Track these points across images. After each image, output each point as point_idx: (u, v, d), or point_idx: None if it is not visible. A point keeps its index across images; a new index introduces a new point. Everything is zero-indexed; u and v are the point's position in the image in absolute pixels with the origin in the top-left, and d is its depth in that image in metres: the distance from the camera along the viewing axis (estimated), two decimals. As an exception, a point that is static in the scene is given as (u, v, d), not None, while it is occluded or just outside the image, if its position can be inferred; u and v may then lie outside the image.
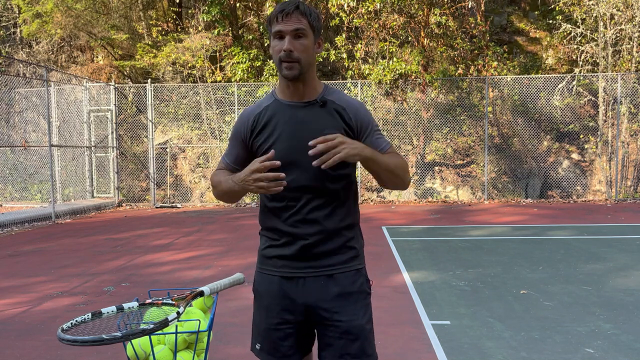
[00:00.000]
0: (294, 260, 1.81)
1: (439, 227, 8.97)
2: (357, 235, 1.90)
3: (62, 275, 5.97)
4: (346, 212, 1.84)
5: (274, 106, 1.85)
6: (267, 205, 1.86)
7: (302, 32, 1.74)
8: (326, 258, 1.80)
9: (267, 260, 1.88)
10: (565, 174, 13.35)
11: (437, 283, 5.31)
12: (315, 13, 1.79)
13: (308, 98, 1.83)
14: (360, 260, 1.88)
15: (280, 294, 1.83)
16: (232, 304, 4.60)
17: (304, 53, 1.75)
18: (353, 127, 1.82)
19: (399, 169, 1.82)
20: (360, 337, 1.78)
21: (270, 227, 1.87)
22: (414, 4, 13.10)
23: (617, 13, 12.54)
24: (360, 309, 1.81)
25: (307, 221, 1.78)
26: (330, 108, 1.82)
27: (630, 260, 6.15)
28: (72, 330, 1.70)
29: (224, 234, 8.71)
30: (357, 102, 1.87)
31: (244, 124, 1.88)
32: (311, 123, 1.79)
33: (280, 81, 1.85)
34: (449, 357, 3.45)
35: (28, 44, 16.62)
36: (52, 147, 11.09)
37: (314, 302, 1.80)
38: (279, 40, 1.75)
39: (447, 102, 13.75)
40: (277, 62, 1.76)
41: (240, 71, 13.60)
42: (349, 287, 1.81)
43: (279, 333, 1.83)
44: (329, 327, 1.79)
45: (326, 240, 1.80)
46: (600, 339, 3.72)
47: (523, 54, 15.72)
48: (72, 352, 3.63)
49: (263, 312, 1.87)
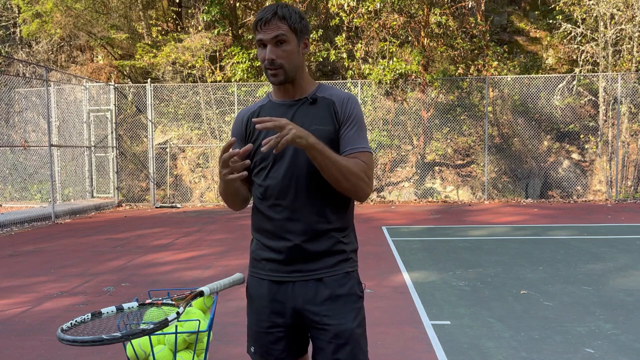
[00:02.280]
0: (282, 264, 1.79)
1: (439, 227, 8.97)
2: (349, 237, 1.85)
3: (62, 275, 5.97)
4: (336, 213, 1.80)
5: (268, 106, 1.87)
6: (257, 205, 1.86)
7: (283, 37, 1.72)
8: (314, 261, 1.77)
9: (257, 262, 1.86)
10: (565, 174, 13.35)
11: (437, 283, 5.30)
12: (296, 14, 1.75)
13: (300, 96, 1.83)
14: (351, 264, 1.84)
15: (270, 297, 1.81)
16: (232, 304, 4.60)
17: (287, 59, 1.74)
18: (340, 119, 1.79)
19: (349, 172, 1.69)
20: (350, 341, 1.75)
21: (258, 228, 1.85)
22: (414, 4, 13.10)
23: (618, 13, 12.54)
24: (350, 312, 1.78)
25: (294, 220, 1.76)
26: (321, 104, 1.81)
27: (630, 260, 6.15)
28: (72, 330, 1.70)
29: (224, 234, 8.71)
30: (346, 95, 1.84)
31: (239, 123, 1.91)
32: (300, 120, 1.77)
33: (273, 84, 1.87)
34: (449, 357, 3.44)
35: (28, 43, 16.62)
36: (51, 147, 11.09)
37: (302, 306, 1.77)
38: (262, 48, 1.75)
39: (447, 102, 13.75)
40: (263, 69, 1.79)
41: (240, 71, 13.60)
42: (338, 289, 1.77)
43: (270, 337, 1.82)
44: (319, 330, 1.77)
45: (314, 240, 1.76)
46: (600, 339, 3.72)
47: (523, 54, 15.72)
48: (72, 352, 3.63)
49: (254, 315, 1.86)
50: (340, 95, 1.83)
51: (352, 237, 1.87)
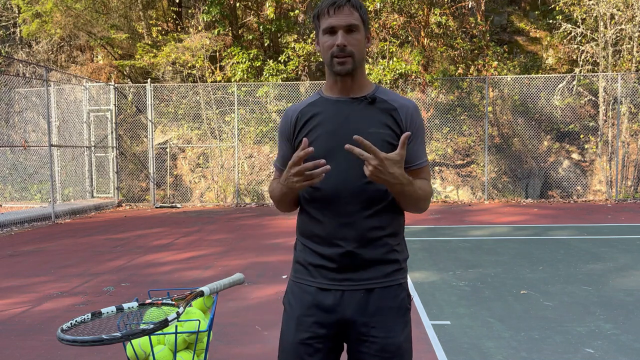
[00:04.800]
0: (332, 272, 1.68)
1: (439, 227, 8.97)
2: (402, 245, 1.77)
3: (62, 275, 5.97)
4: (390, 218, 1.71)
5: (320, 102, 1.76)
6: (305, 207, 1.75)
7: (355, 26, 1.65)
8: (366, 270, 1.67)
9: (303, 268, 1.75)
10: (565, 174, 13.35)
11: (437, 283, 5.30)
12: (364, 6, 1.70)
13: (356, 94, 1.73)
14: (403, 274, 1.74)
15: (315, 305, 1.69)
16: (232, 304, 4.60)
17: (357, 48, 1.67)
18: (403, 129, 1.70)
19: (422, 202, 1.69)
20: (396, 356, 1.66)
21: (306, 232, 1.75)
22: (414, 4, 13.10)
23: (617, 13, 12.54)
24: (399, 326, 1.69)
25: (346, 225, 1.66)
26: (380, 106, 1.72)
27: (630, 260, 6.15)
28: (71, 330, 1.70)
29: (224, 234, 8.71)
30: (411, 103, 1.76)
31: (288, 121, 1.79)
32: (357, 120, 1.69)
33: (328, 78, 1.76)
34: (449, 357, 3.44)
35: (28, 43, 16.62)
36: (51, 147, 11.09)
37: (350, 316, 1.67)
38: (330, 35, 1.66)
39: (447, 102, 13.75)
40: (329, 57, 1.67)
41: (240, 71, 13.60)
42: (390, 301, 1.69)
43: (308, 348, 1.69)
44: (363, 342, 1.67)
45: (367, 247, 1.66)
46: (600, 339, 3.72)
47: (523, 54, 15.72)
48: (72, 352, 3.63)
49: (292, 325, 1.73)
50: (404, 104, 1.74)
51: (404, 245, 1.79)
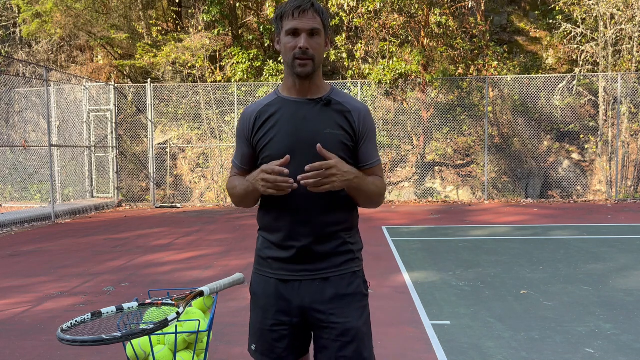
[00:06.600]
0: (290, 263, 1.80)
1: (439, 227, 8.96)
2: (356, 237, 1.89)
3: (62, 275, 5.97)
4: (344, 214, 1.82)
5: (277, 102, 1.83)
6: (265, 203, 1.85)
7: (317, 30, 1.73)
8: (322, 261, 1.79)
9: (264, 261, 1.86)
10: (565, 174, 13.34)
11: (437, 283, 5.30)
12: (326, 12, 1.79)
13: (313, 96, 1.81)
14: (357, 263, 1.86)
15: (276, 295, 1.81)
16: (232, 304, 4.60)
17: (317, 51, 1.75)
18: (356, 131, 1.81)
19: (375, 196, 1.83)
20: (356, 339, 1.77)
21: (266, 227, 1.86)
22: (414, 4, 13.09)
23: (618, 13, 12.54)
24: (356, 311, 1.80)
25: (303, 222, 1.76)
26: (335, 108, 1.80)
27: (630, 260, 6.15)
28: (71, 330, 1.70)
29: (224, 234, 8.71)
30: (363, 106, 1.85)
31: (247, 121, 1.86)
32: (313, 121, 1.77)
33: (287, 79, 1.83)
34: (449, 357, 3.44)
35: (28, 43, 16.62)
36: (51, 147, 11.09)
37: (309, 304, 1.79)
38: (293, 37, 1.73)
39: (447, 102, 13.75)
40: (290, 59, 1.74)
41: (240, 71, 13.60)
42: (345, 289, 1.80)
43: (274, 334, 1.82)
44: (324, 329, 1.78)
45: (322, 242, 1.78)
46: (600, 339, 3.72)
47: (523, 54, 15.71)
48: (72, 352, 3.63)
49: (259, 313, 1.86)
50: (357, 107, 1.84)
51: (357, 237, 1.90)
